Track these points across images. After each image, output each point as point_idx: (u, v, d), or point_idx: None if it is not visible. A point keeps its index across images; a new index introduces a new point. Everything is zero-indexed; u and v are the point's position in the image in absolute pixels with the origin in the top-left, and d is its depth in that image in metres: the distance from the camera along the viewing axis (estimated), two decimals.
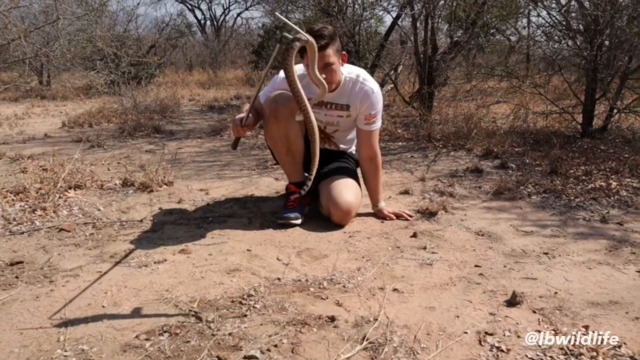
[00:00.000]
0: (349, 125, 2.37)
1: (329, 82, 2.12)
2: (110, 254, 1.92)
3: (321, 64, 2.04)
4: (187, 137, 4.73)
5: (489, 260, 1.87)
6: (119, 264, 1.84)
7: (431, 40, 4.80)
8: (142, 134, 4.77)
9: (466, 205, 2.55)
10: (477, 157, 3.64)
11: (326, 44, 2.04)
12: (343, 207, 2.19)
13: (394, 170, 3.34)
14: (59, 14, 4.87)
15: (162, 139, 4.66)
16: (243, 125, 2.10)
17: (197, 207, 2.53)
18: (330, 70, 2.10)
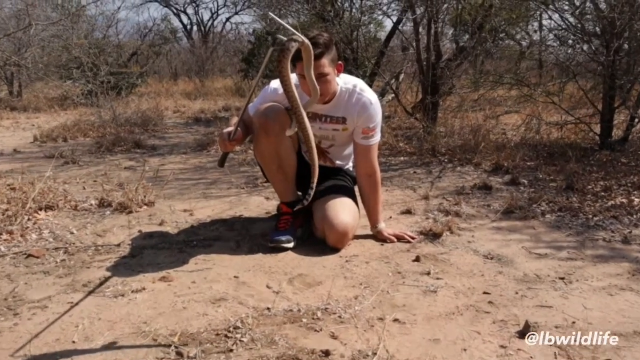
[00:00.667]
0: (346, 140, 2.38)
1: (323, 93, 2.13)
2: (83, 283, 1.90)
3: (315, 74, 2.04)
4: (170, 153, 4.73)
5: (499, 286, 1.87)
6: (93, 293, 1.82)
7: (435, 46, 4.85)
8: (122, 149, 4.78)
9: (474, 225, 2.55)
10: (485, 173, 3.65)
11: (321, 53, 2.06)
12: (339, 228, 2.18)
13: (394, 187, 3.34)
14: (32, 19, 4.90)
15: (143, 154, 4.66)
16: (231, 140, 2.10)
17: (180, 229, 2.52)
18: (324, 81, 2.11)
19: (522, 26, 5.47)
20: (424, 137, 4.61)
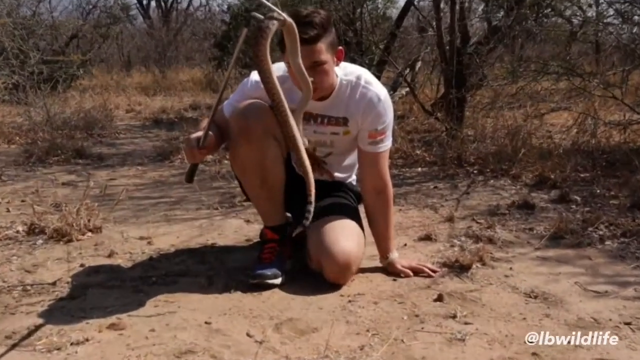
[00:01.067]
0: (347, 146, 2.40)
1: (319, 87, 2.15)
2: (5, 334, 1.90)
3: (308, 62, 2.06)
4: (122, 164, 4.74)
5: (545, 332, 1.87)
6: (19, 347, 1.81)
7: (461, 27, 4.90)
8: (58, 160, 4.79)
9: (512, 255, 2.56)
10: (526, 187, 3.67)
11: (316, 35, 2.07)
12: (340, 258, 2.19)
13: (410, 206, 3.36)
14: None
15: (87, 166, 4.66)
16: (200, 148, 2.11)
17: (135, 262, 2.52)
18: (320, 72, 2.13)
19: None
20: (447, 142, 4.64)
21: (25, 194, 3.66)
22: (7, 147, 5.41)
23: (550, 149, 4.26)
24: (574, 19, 6.13)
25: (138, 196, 3.69)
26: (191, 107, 8.30)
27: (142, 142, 5.80)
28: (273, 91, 1.81)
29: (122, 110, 8.14)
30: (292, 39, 1.89)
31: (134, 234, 2.91)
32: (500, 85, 5.45)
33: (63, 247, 2.71)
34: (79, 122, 6.20)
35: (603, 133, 4.59)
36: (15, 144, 5.49)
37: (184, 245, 2.75)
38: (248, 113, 2.19)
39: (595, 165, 4.01)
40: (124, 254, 2.63)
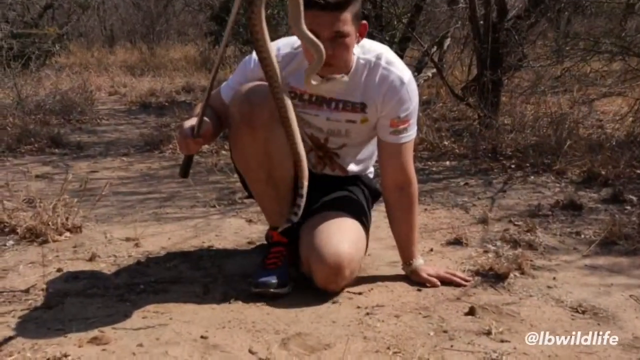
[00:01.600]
0: (365, 136, 2.40)
1: (336, 64, 2.15)
2: None
3: (329, 32, 2.07)
4: (105, 154, 4.76)
5: (595, 354, 1.87)
6: None
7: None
8: (31, 149, 4.81)
9: (556, 263, 2.56)
10: (572, 185, 3.66)
11: (344, 1, 2.08)
12: (329, 261, 2.19)
13: (437, 206, 3.36)
14: None
15: (65, 156, 4.69)
16: (196, 137, 2.12)
17: (120, 267, 2.54)
18: (341, 45, 2.12)
19: None
20: (481, 132, 4.63)
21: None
22: None
23: (601, 141, 4.25)
24: None
25: (123, 191, 3.71)
26: (184, 90, 8.32)
27: (127, 130, 5.82)
28: (267, 65, 1.85)
29: (104, 92, 8.16)
30: (294, 3, 1.90)
31: (118, 234, 2.92)
32: (543, 66, 5.44)
33: (37, 249, 2.72)
34: (54, 105, 6.22)
35: None
36: None
37: (176, 248, 2.76)
38: (252, 97, 2.19)
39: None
40: (107, 257, 2.64)
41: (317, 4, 2.03)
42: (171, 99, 7.54)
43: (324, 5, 2.03)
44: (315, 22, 2.04)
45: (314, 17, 2.04)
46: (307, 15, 2.03)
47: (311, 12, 2.03)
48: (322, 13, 2.04)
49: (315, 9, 2.03)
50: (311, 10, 2.03)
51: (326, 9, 2.03)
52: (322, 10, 2.04)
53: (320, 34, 2.05)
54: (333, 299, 2.23)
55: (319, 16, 2.05)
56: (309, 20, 2.03)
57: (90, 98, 6.74)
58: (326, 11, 2.03)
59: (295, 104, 2.26)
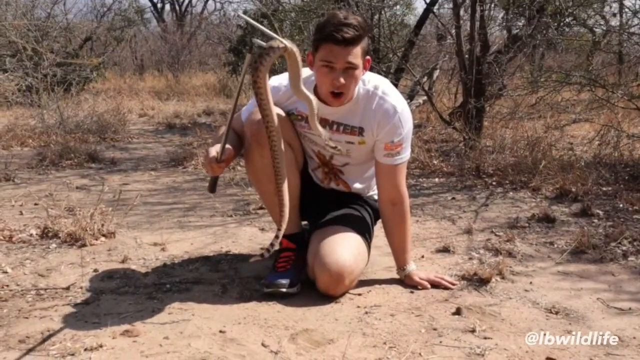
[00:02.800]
0: (365, 157, 2.41)
1: (345, 92, 2.16)
2: (19, 338, 1.92)
3: (343, 63, 2.10)
4: (135, 169, 4.78)
5: (567, 350, 1.87)
6: (33, 352, 1.83)
7: (480, 35, 4.91)
8: (71, 164, 4.84)
9: (532, 269, 2.56)
10: (547, 200, 3.66)
11: (357, 37, 2.10)
12: (331, 269, 2.19)
13: (428, 218, 3.36)
14: None
15: (100, 170, 4.70)
16: (219, 162, 2.13)
17: (148, 269, 2.54)
18: (350, 76, 2.14)
19: (597, 8, 5.50)
20: (466, 152, 4.63)
21: (39, 197, 3.69)
22: (20, 150, 5.46)
23: (572, 161, 4.25)
24: (596, 28, 6.10)
25: (151, 202, 3.72)
26: (204, 113, 8.35)
27: (155, 147, 5.84)
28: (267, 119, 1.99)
29: (135, 114, 8.20)
30: (294, 64, 1.96)
31: (147, 239, 2.93)
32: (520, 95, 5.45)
33: (76, 251, 2.74)
34: (92, 125, 6.26)
35: (626, 146, 4.58)
36: (29, 147, 5.54)
37: (197, 252, 2.77)
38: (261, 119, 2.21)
39: (618, 179, 4.00)
40: (137, 259, 2.65)
41: (334, 39, 2.07)
42: (193, 120, 7.58)
43: (340, 40, 2.07)
44: (332, 54, 2.09)
45: (330, 50, 2.09)
46: (325, 47, 2.10)
47: (329, 45, 2.09)
48: (337, 47, 2.08)
49: (332, 42, 2.08)
50: (328, 43, 2.08)
51: (342, 43, 2.07)
52: (338, 44, 2.08)
53: (335, 64, 2.10)
54: (336, 299, 2.23)
55: (335, 49, 2.09)
56: (326, 52, 2.10)
57: (122, 119, 6.77)
58: (341, 46, 2.07)
59: (301, 125, 2.35)
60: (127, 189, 4.00)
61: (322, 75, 2.13)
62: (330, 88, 2.15)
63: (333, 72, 2.11)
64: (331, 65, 2.10)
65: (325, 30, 2.09)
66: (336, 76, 2.11)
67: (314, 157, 2.44)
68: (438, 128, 5.91)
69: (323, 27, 2.12)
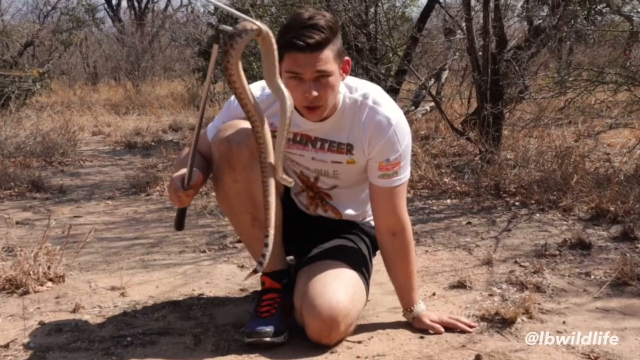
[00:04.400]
0: (356, 178, 2.40)
1: (320, 104, 2.16)
2: None
3: (311, 73, 2.08)
4: (88, 198, 4.76)
5: None
6: None
7: (496, 28, 4.94)
8: (11, 194, 4.82)
9: (565, 306, 2.55)
10: (580, 222, 3.67)
11: (323, 40, 2.09)
12: (323, 312, 2.17)
13: (439, 247, 3.36)
14: None
15: (46, 201, 4.68)
16: (186, 189, 2.13)
17: (105, 318, 2.52)
18: (324, 85, 2.13)
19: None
20: (482, 167, 4.65)
21: None
22: None
23: (609, 175, 4.26)
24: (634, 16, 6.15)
25: (108, 237, 3.70)
26: (171, 128, 8.36)
27: (112, 171, 5.83)
28: (248, 108, 1.92)
29: (87, 132, 8.19)
30: (269, 51, 1.93)
31: (103, 283, 2.91)
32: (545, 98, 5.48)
33: (17, 300, 2.71)
34: (35, 147, 6.24)
35: None
36: None
37: (164, 296, 2.75)
38: (231, 136, 2.21)
39: None
40: (91, 308, 2.63)
41: (296, 46, 2.04)
42: (158, 138, 7.58)
43: (303, 47, 2.04)
44: (297, 63, 2.07)
45: (295, 59, 2.07)
46: (289, 57, 2.07)
47: (292, 54, 2.06)
48: (302, 55, 2.05)
49: (294, 50, 2.05)
50: (291, 52, 2.06)
51: (306, 50, 2.04)
52: (302, 51, 2.05)
53: (302, 75, 2.08)
54: (331, 348, 2.21)
55: (299, 58, 2.06)
56: (290, 62, 2.08)
57: (72, 139, 6.77)
58: (306, 52, 2.04)
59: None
60: (78, 223, 3.98)
61: (292, 89, 2.09)
62: (304, 102, 2.13)
63: (303, 83, 2.09)
64: (299, 77, 2.09)
65: (286, 36, 2.07)
66: (307, 88, 2.09)
67: (296, 179, 2.43)
68: (449, 139, 5.94)
69: (283, 32, 2.09)
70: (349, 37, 5.55)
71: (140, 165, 5.96)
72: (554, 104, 5.56)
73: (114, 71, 15.33)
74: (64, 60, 14.12)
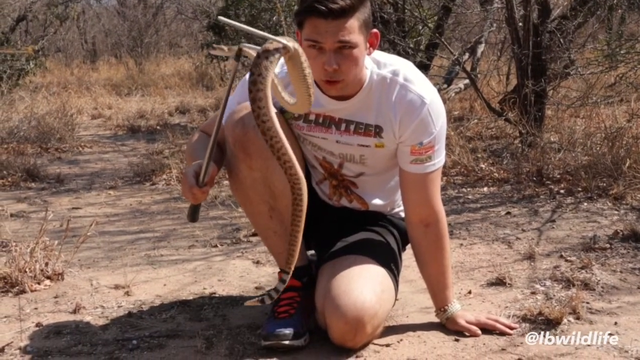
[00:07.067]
0: (385, 164, 2.40)
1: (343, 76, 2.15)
2: None
3: (333, 42, 2.07)
4: (89, 188, 4.79)
5: None
6: None
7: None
8: (4, 183, 4.86)
9: (617, 305, 2.54)
10: (633, 212, 3.64)
11: (348, 7, 2.06)
12: (348, 313, 2.16)
13: (475, 240, 3.36)
14: None
15: (42, 191, 4.71)
16: (202, 186, 2.13)
17: (108, 320, 2.54)
18: (348, 58, 2.11)
19: None
20: (523, 151, 4.62)
21: None
22: None
23: None
24: None
25: (111, 231, 3.73)
26: (178, 110, 8.38)
27: (114, 158, 5.86)
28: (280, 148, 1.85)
29: (86, 115, 8.23)
30: (295, 63, 1.90)
31: (106, 281, 2.93)
32: (594, 73, 5.43)
33: (13, 300, 2.73)
34: (30, 132, 6.28)
35: None
36: None
37: (173, 296, 2.77)
38: (246, 118, 2.19)
39: None
40: (93, 308, 2.65)
41: (317, 11, 2.03)
42: (163, 121, 7.59)
43: (325, 13, 2.02)
44: (317, 31, 2.06)
45: (315, 26, 2.06)
46: (309, 23, 2.06)
47: (312, 19, 2.05)
48: (324, 21, 2.04)
49: (315, 15, 2.04)
50: (311, 17, 2.05)
51: (328, 16, 2.02)
52: (324, 18, 2.03)
53: (323, 44, 2.06)
54: (357, 352, 2.21)
55: (320, 25, 2.05)
56: (310, 29, 2.06)
57: (70, 123, 6.79)
58: (328, 19, 2.03)
59: (299, 126, 2.32)
60: (78, 215, 4.01)
61: (311, 59, 2.06)
62: (323, 76, 2.12)
63: (322, 54, 2.08)
64: (319, 45, 2.07)
65: (307, 0, 2.06)
66: (327, 60, 2.07)
67: (318, 166, 2.43)
68: (486, 121, 5.90)
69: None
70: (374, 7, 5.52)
71: (144, 151, 5.98)
72: (604, 80, 5.50)
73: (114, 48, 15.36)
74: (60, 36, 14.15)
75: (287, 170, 1.87)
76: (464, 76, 6.37)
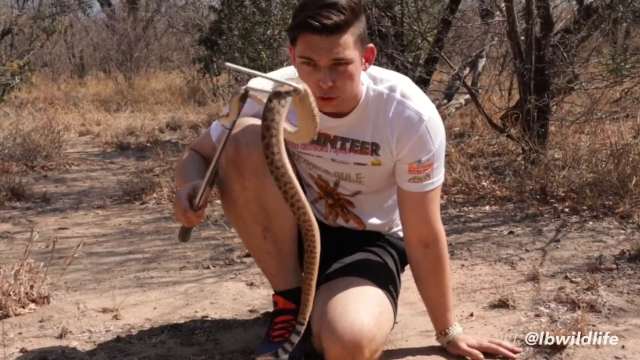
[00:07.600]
0: (383, 182, 2.40)
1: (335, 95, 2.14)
2: None
3: (327, 59, 2.06)
4: (76, 208, 4.78)
5: None
6: None
7: (540, 8, 4.92)
8: None
9: (624, 327, 2.53)
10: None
11: (343, 22, 2.05)
12: (345, 337, 2.15)
13: (477, 260, 3.35)
14: None
15: (28, 211, 4.71)
16: (196, 210, 2.13)
17: (96, 345, 2.53)
18: (343, 74, 2.11)
19: None
20: (526, 169, 4.63)
21: None
22: None
23: None
24: None
25: (99, 252, 3.72)
26: (169, 127, 8.39)
27: (102, 177, 5.85)
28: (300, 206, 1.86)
29: (74, 132, 8.22)
30: (305, 104, 1.91)
31: (94, 304, 2.92)
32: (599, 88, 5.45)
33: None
34: (14, 149, 6.28)
35: None
36: None
37: (163, 319, 2.76)
38: (239, 136, 2.19)
39: None
40: (80, 333, 2.64)
41: (310, 27, 2.01)
42: (154, 138, 7.60)
43: (319, 29, 2.01)
44: (311, 48, 2.04)
45: (308, 43, 2.04)
46: (302, 39, 2.04)
47: (306, 36, 2.04)
48: (318, 37, 2.02)
49: (308, 31, 2.03)
50: (305, 33, 2.03)
51: (322, 32, 2.01)
52: (318, 34, 2.02)
53: (317, 61, 2.06)
54: None
55: (314, 41, 2.03)
56: (303, 46, 2.05)
57: (57, 140, 6.78)
58: (322, 35, 2.02)
59: (294, 144, 2.31)
60: (64, 236, 4.00)
61: (305, 76, 2.06)
62: (317, 92, 2.09)
63: (317, 70, 2.07)
64: (314, 62, 2.06)
65: (300, 15, 2.05)
66: (322, 77, 2.06)
67: (313, 185, 2.43)
68: (487, 137, 5.91)
69: (298, 11, 2.08)
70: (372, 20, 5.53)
71: (134, 169, 5.99)
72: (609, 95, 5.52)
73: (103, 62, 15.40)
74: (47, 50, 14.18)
75: (300, 217, 1.88)
76: (464, 91, 6.39)
